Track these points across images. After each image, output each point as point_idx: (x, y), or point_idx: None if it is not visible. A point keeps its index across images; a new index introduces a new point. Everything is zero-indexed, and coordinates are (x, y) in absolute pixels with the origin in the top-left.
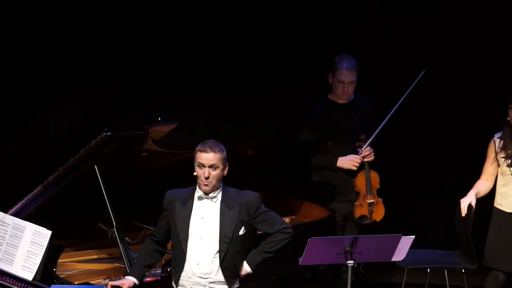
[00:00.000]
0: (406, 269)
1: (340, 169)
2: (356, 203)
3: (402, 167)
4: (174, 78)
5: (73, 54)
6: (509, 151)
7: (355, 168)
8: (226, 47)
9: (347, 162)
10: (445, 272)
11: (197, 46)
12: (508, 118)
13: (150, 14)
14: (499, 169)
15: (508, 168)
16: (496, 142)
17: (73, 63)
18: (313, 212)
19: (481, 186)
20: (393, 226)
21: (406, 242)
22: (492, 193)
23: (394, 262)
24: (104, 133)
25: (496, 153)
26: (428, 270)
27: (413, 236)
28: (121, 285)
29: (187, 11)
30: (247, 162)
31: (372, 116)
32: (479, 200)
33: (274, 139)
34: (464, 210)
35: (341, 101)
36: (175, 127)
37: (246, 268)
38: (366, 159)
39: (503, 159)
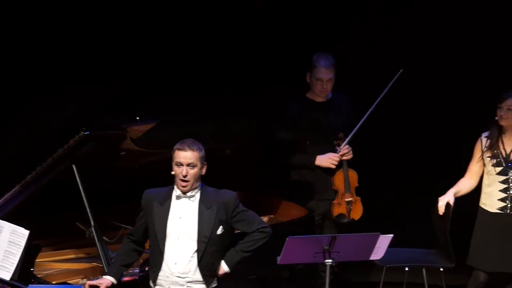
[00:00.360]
0: (385, 267)
1: (319, 167)
2: (334, 201)
3: (380, 165)
4: (162, 77)
5: (62, 55)
6: (495, 151)
7: (333, 167)
8: (217, 46)
9: (325, 160)
10: (423, 270)
11: (185, 45)
12: (497, 118)
13: (142, 13)
14: (484, 168)
15: (493, 168)
16: (483, 141)
17: (62, 63)
18: (292, 211)
19: (463, 185)
20: (371, 225)
21: (384, 241)
22: (476, 192)
23: (373, 261)
24: (82, 133)
25: (483, 152)
26: (406, 269)
27: (391, 235)
28: (99, 285)
29: (179, 10)
30: (226, 162)
31: (350, 115)
32: (462, 198)
33: (252, 138)
34: (441, 209)
35: (319, 100)
36: (153, 126)
37: (224, 267)
38: (344, 158)
39: (489, 159)
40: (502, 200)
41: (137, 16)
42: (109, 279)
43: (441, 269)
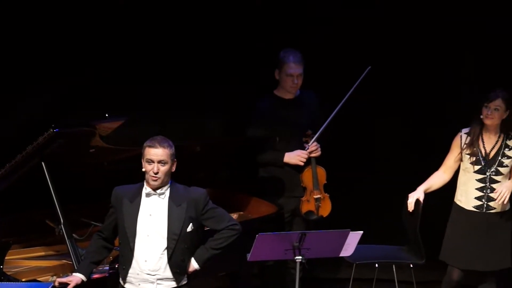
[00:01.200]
0: (354, 264)
1: (287, 164)
2: (303, 198)
3: (349, 162)
4: (132, 72)
5: (29, 50)
6: (475, 149)
7: (302, 164)
8: (187, 43)
9: (294, 157)
10: (393, 267)
11: (156, 40)
12: (482, 116)
13: (112, 6)
14: (461, 164)
15: (471, 165)
16: (463, 137)
17: (29, 59)
18: (261, 208)
19: (435, 180)
20: (340, 221)
21: (354, 238)
22: (448, 188)
23: (342, 257)
24: (51, 130)
25: (462, 149)
26: (376, 265)
27: (361, 232)
28: (69, 282)
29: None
30: (195, 159)
31: (319, 111)
32: (435, 194)
33: (222, 135)
34: (411, 205)
35: (287, 97)
36: (122, 123)
37: (193, 264)
38: (312, 155)
39: (468, 156)
40: (478, 198)
41: (108, 10)
42: (79, 277)
43: (411, 265)
